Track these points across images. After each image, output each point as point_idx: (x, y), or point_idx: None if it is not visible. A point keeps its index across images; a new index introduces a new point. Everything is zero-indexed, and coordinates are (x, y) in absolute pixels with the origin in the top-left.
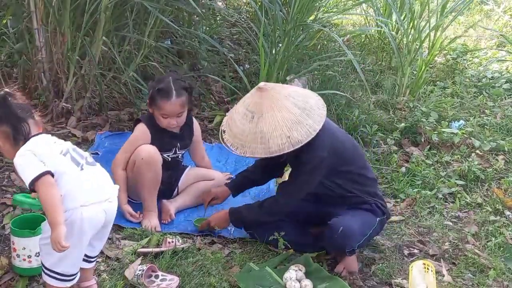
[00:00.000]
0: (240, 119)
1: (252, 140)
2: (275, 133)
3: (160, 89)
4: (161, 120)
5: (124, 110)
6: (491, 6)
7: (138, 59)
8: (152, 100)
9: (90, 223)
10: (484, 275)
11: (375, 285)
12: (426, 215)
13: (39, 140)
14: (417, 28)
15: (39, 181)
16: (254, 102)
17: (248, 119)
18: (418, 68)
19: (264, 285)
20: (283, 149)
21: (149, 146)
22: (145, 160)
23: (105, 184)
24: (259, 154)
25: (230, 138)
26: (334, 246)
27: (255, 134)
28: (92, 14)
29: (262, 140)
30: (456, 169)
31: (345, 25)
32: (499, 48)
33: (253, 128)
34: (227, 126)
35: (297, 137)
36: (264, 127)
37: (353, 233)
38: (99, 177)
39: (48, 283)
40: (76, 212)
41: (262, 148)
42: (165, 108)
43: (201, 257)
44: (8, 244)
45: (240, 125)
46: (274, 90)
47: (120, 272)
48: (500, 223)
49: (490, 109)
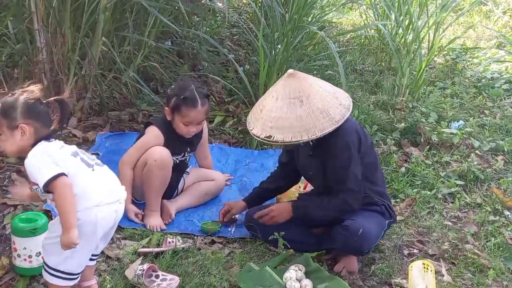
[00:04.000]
0: (287, 110)
1: (314, 119)
2: (329, 104)
3: (186, 97)
4: (181, 127)
5: (125, 111)
6: (490, 7)
7: (138, 59)
8: (176, 108)
9: (103, 224)
10: (484, 275)
11: (375, 285)
12: (426, 215)
13: (51, 144)
14: (416, 29)
15: (55, 181)
16: (293, 88)
17: (297, 106)
18: (418, 68)
19: (264, 285)
20: (344, 114)
21: (162, 148)
22: (158, 162)
23: (115, 185)
24: (328, 128)
25: (286, 133)
26: (351, 248)
27: (314, 113)
28: (91, 15)
29: (323, 114)
30: (456, 169)
31: (345, 25)
32: (498, 48)
33: (308, 109)
34: (269, 130)
35: (345, 103)
36: (317, 103)
37: (371, 235)
38: (109, 178)
39: (51, 282)
40: (90, 212)
41: (327, 121)
42: (190, 116)
43: (201, 257)
44: (9, 244)
45: (290, 115)
46: (300, 73)
47: (121, 272)
48: (500, 223)
49: (490, 109)
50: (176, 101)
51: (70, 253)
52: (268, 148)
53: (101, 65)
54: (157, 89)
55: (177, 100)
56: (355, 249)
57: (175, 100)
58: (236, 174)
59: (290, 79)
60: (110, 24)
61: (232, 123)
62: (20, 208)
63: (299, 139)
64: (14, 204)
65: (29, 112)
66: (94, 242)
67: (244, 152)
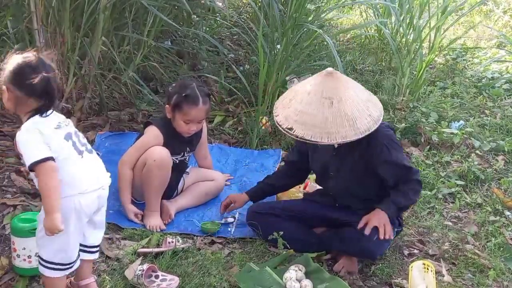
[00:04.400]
0: (315, 108)
1: (339, 125)
2: (358, 114)
3: (187, 95)
4: (182, 126)
5: (125, 110)
6: (491, 7)
7: (138, 59)
8: (177, 106)
9: (86, 211)
10: (484, 275)
11: (375, 285)
12: (426, 215)
13: (47, 121)
14: (417, 29)
15: (41, 164)
16: (328, 88)
17: (326, 106)
18: (418, 68)
19: (264, 285)
20: (370, 128)
21: (162, 148)
22: (157, 163)
23: (101, 171)
24: (350, 137)
25: (307, 130)
26: (365, 252)
27: (341, 118)
28: (91, 14)
29: (349, 122)
30: (456, 169)
31: (345, 25)
32: (499, 48)
33: (336, 113)
34: (293, 123)
35: (375, 115)
36: (347, 109)
37: (384, 242)
38: (96, 164)
39: (46, 275)
40: (73, 199)
41: (351, 130)
42: (191, 114)
43: (201, 257)
44: (8, 244)
45: (318, 113)
46: (340, 73)
47: (120, 272)
48: (500, 223)
49: (490, 109)
50: (177, 99)
51: (59, 243)
52: (268, 148)
53: (100, 65)
54: (156, 89)
55: (178, 98)
56: (369, 254)
57: (177, 97)
58: (236, 174)
59: (328, 77)
60: (109, 23)
61: (232, 123)
62: (20, 208)
63: (318, 140)
64: (13, 204)
65: (13, 77)
66: (80, 228)
67: (244, 152)
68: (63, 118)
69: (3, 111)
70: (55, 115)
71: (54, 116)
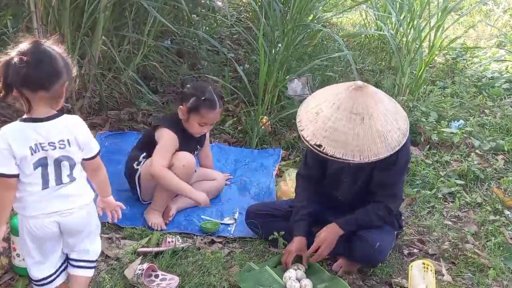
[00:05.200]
0: (345, 124)
1: (370, 142)
2: (388, 128)
3: (206, 99)
4: (195, 127)
5: (124, 110)
6: (491, 6)
7: (137, 58)
8: (194, 109)
9: (40, 234)
10: (484, 274)
11: (375, 284)
12: (426, 214)
13: (30, 131)
14: (417, 28)
15: None
16: (358, 103)
17: (357, 122)
18: (418, 68)
19: (264, 285)
20: (400, 142)
21: (189, 154)
22: (185, 168)
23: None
24: (383, 154)
25: (338, 148)
26: (368, 259)
27: (372, 134)
28: (91, 14)
29: (380, 139)
30: (456, 169)
31: (345, 25)
32: (498, 48)
33: (367, 129)
34: (322, 139)
35: (403, 127)
36: (378, 125)
37: (386, 248)
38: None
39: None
40: (25, 220)
41: (384, 147)
42: (208, 117)
43: (201, 256)
44: (8, 244)
45: (348, 130)
46: (368, 86)
47: (120, 272)
48: (500, 223)
49: (490, 108)
50: (195, 102)
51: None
52: (267, 148)
53: (100, 65)
54: (156, 88)
55: (197, 101)
56: (372, 261)
57: (195, 100)
58: (235, 174)
59: (358, 92)
60: (109, 23)
61: (231, 122)
62: None
63: (351, 158)
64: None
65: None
66: (36, 250)
67: (243, 151)
68: (59, 138)
69: (3, 111)
70: (54, 127)
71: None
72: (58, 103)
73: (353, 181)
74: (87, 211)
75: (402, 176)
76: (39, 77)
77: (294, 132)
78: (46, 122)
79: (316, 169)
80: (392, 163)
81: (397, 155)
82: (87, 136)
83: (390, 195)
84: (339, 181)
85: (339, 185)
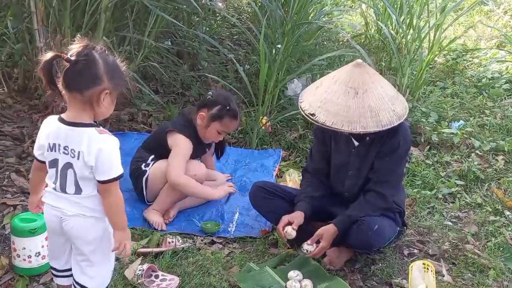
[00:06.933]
0: (340, 96)
1: (360, 115)
2: (382, 107)
3: (231, 109)
4: (213, 134)
5: (124, 110)
6: (491, 7)
7: (138, 59)
8: (218, 117)
9: (48, 221)
10: (484, 275)
11: (375, 285)
12: (426, 215)
13: (54, 129)
14: (417, 28)
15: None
16: (355, 78)
17: (351, 96)
18: (418, 68)
19: (264, 285)
20: (392, 122)
21: (203, 165)
22: (197, 178)
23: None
24: (370, 128)
25: (328, 117)
26: (363, 243)
27: (363, 108)
28: (92, 15)
29: (371, 114)
30: (456, 169)
31: (345, 26)
32: (499, 48)
33: (360, 103)
34: (316, 109)
35: (399, 112)
36: (371, 101)
37: (384, 233)
38: (70, 199)
39: None
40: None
41: (373, 122)
42: (229, 126)
43: (201, 257)
44: (8, 244)
45: (341, 102)
46: (368, 66)
47: (120, 272)
48: (500, 223)
49: (490, 109)
50: (220, 111)
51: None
52: (268, 148)
53: None
54: (157, 89)
55: (222, 110)
56: (366, 244)
57: (220, 109)
58: (236, 174)
59: (356, 68)
60: (110, 23)
61: None
62: (20, 208)
63: (339, 127)
64: (13, 204)
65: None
66: (50, 239)
67: (244, 152)
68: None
69: (3, 111)
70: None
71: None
72: (97, 113)
73: (358, 173)
74: (91, 223)
75: (400, 165)
76: (74, 78)
77: (294, 133)
78: (68, 127)
79: (321, 162)
80: (393, 150)
81: (399, 142)
82: (101, 161)
83: (382, 181)
84: (344, 174)
85: (344, 178)
